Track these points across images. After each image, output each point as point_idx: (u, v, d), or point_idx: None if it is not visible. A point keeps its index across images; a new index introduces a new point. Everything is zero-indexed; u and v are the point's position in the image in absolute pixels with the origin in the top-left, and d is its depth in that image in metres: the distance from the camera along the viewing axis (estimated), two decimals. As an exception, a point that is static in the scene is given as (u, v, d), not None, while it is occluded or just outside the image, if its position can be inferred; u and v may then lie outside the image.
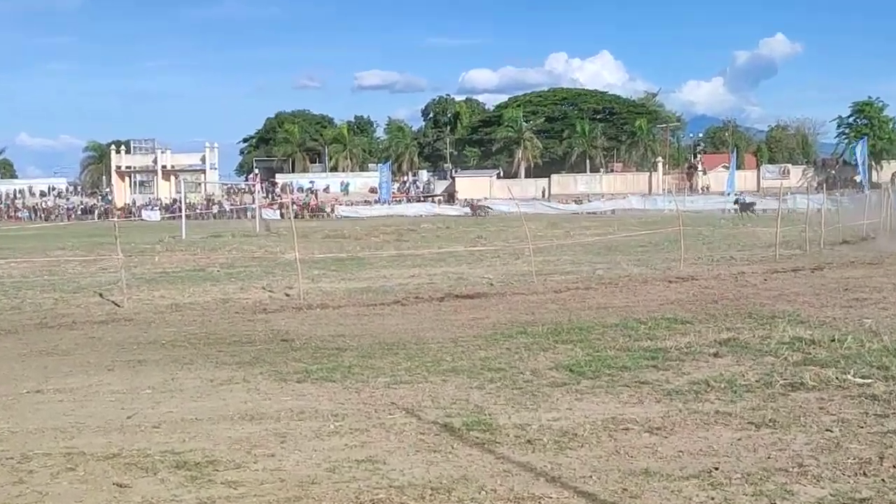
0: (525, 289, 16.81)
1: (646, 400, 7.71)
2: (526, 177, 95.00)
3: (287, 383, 8.76)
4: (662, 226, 32.72)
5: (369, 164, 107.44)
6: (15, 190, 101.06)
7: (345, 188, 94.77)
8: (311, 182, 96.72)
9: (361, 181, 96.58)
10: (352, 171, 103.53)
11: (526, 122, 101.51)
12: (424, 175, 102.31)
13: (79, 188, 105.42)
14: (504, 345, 10.57)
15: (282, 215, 72.98)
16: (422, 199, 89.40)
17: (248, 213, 69.00)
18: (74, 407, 7.94)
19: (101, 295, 16.88)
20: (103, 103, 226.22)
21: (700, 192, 79.48)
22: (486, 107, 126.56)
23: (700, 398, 7.65)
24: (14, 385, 8.94)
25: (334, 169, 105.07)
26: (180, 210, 49.67)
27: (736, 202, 63.85)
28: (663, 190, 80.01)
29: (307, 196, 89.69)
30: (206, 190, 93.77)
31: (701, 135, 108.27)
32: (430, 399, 7.91)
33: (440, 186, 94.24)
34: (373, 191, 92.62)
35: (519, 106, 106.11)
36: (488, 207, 74.70)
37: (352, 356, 10.11)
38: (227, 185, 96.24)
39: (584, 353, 9.81)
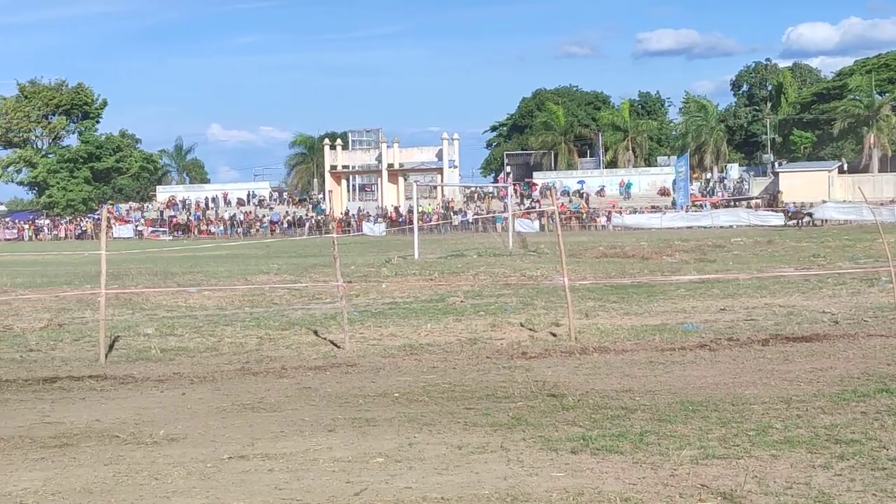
0: (884, 328, 16.22)
1: None
2: (881, 170, 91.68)
3: (558, 454, 8.82)
4: None
5: (658, 157, 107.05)
6: (207, 198, 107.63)
7: (626, 190, 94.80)
8: (580, 182, 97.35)
9: (648, 180, 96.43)
10: (635, 166, 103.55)
11: (880, 94, 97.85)
12: (736, 170, 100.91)
13: (285, 194, 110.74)
14: (858, 407, 10.22)
15: (542, 227, 73.96)
16: (732, 203, 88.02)
17: (498, 225, 70.28)
18: (288, 479, 8.31)
19: (316, 333, 17.64)
20: (313, 85, 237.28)
21: None
22: (823, 75, 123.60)
23: None
24: (213, 448, 9.48)
25: (612, 164, 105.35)
26: (411, 221, 51.33)
27: None
28: None
29: (572, 201, 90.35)
30: (443, 195, 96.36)
31: None
32: (756, 481, 7.73)
33: (758, 185, 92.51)
34: (664, 192, 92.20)
35: (869, 72, 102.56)
36: None
37: (644, 419, 10.06)
38: (470, 187, 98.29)
39: (976, 421, 9.34)
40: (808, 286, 23.11)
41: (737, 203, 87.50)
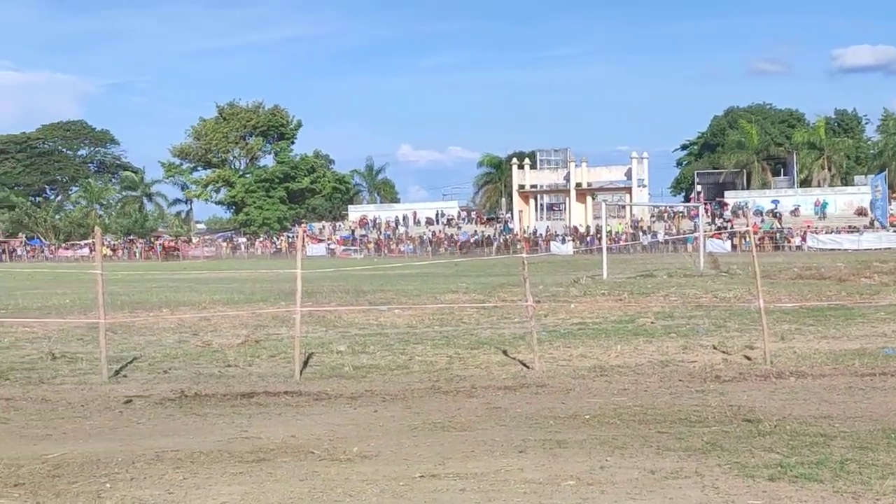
0: None
1: None
2: None
3: (755, 481, 8.63)
4: None
5: (855, 176, 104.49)
6: (397, 217, 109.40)
7: (821, 209, 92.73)
8: (773, 202, 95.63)
9: (844, 199, 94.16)
10: (831, 185, 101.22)
11: None
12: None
13: (473, 214, 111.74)
14: None
15: (734, 247, 72.81)
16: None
17: (689, 245, 69.45)
18: (479, 499, 8.32)
19: (505, 352, 17.68)
20: (501, 104, 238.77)
21: None
22: None
23: None
24: (405, 466, 9.55)
25: (806, 182, 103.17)
26: (599, 241, 51.13)
27: None
28: None
29: (765, 221, 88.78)
30: (632, 214, 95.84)
31: None
32: (966, 515, 7.44)
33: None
34: (861, 212, 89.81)
35: None
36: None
37: (844, 446, 9.78)
38: (659, 207, 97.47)
39: None
40: None
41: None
